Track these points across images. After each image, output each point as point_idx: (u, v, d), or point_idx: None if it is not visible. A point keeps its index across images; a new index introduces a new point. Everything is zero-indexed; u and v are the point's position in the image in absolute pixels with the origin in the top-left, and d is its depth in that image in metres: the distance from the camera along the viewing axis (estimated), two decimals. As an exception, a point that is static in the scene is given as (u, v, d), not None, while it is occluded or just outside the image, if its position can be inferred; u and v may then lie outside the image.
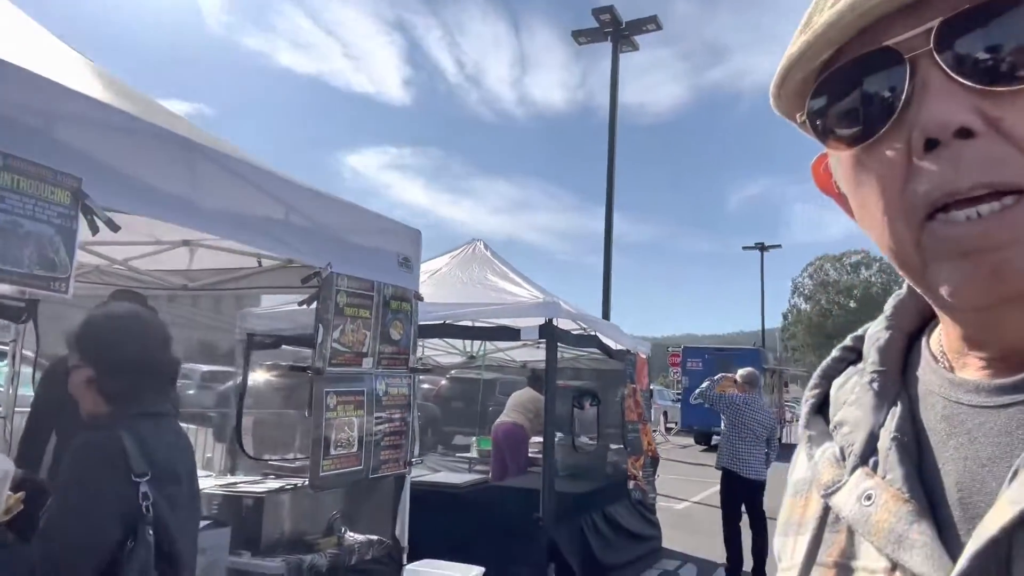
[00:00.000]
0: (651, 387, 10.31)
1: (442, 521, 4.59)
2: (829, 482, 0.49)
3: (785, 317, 58.77)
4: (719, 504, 6.00)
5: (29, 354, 3.57)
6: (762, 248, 30.43)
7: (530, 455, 6.77)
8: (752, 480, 5.80)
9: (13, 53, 1.99)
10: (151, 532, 1.54)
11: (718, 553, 6.27)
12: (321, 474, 2.85)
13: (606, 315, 11.37)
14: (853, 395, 0.53)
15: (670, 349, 20.31)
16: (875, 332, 0.55)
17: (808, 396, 0.58)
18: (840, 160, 0.49)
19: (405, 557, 3.38)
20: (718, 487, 6.04)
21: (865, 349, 0.55)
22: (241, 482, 3.24)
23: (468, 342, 7.42)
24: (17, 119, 1.85)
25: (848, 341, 0.58)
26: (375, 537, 3.31)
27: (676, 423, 20.23)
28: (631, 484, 6.37)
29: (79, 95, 2.04)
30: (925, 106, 0.41)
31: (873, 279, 54.84)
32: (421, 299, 3.59)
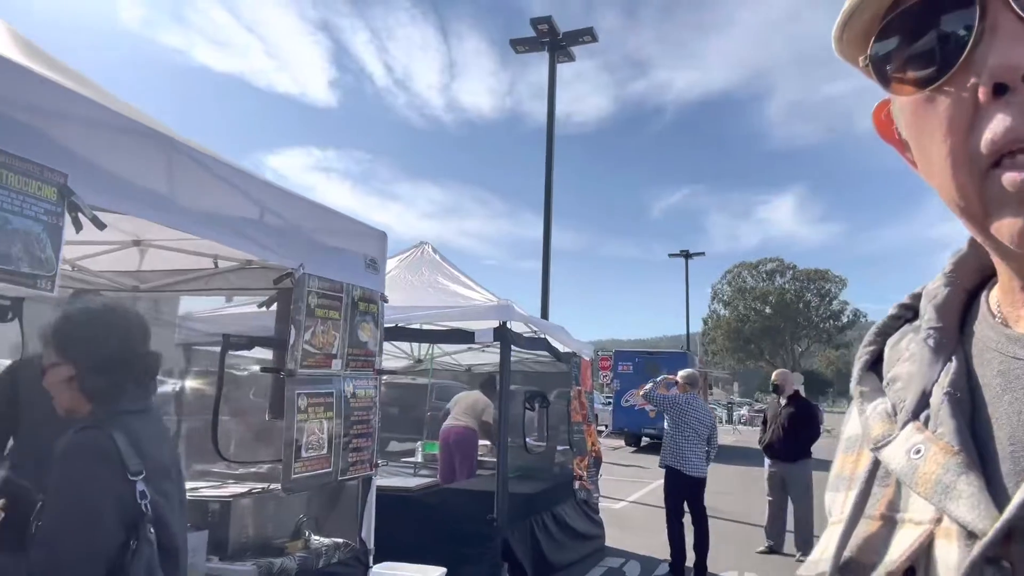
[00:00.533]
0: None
1: (395, 524, 4.59)
2: (879, 436, 0.50)
3: (705, 322, 60.82)
4: (657, 503, 6.21)
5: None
6: (687, 256, 31.44)
7: (479, 458, 6.83)
8: (694, 477, 6.03)
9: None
10: (152, 530, 1.53)
11: (658, 550, 6.49)
12: (293, 476, 2.84)
13: (544, 317, 11.53)
14: (908, 352, 0.53)
15: (599, 353, 20.69)
16: (932, 289, 0.55)
17: (862, 353, 0.58)
18: (903, 105, 0.48)
19: (371, 559, 3.38)
20: (652, 487, 6.26)
21: (921, 306, 0.55)
22: (204, 487, 3.17)
23: (415, 346, 7.42)
24: (3, 113, 1.79)
25: (906, 299, 0.58)
26: (341, 540, 3.30)
27: (607, 426, 20.63)
28: (576, 484, 6.51)
29: (65, 90, 1.99)
30: (994, 49, 0.40)
31: (787, 286, 57.42)
32: (387, 300, 3.61)
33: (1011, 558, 0.40)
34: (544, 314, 11.77)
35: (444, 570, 3.86)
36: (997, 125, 0.40)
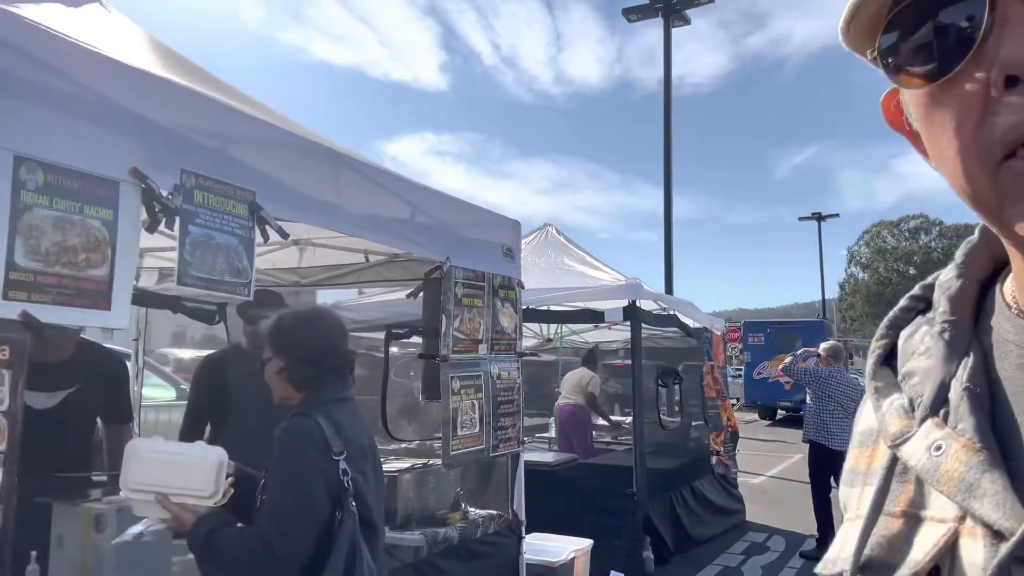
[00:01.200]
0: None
1: (537, 497, 4.79)
2: (897, 433, 0.48)
3: (842, 287, 57.40)
4: (797, 477, 6.06)
5: (168, 351, 3.85)
6: (819, 218, 29.80)
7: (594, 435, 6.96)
8: (839, 451, 5.85)
9: (180, 77, 2.21)
10: (354, 503, 1.74)
11: (801, 525, 6.35)
12: (452, 453, 3.07)
13: (668, 292, 11.41)
14: (923, 345, 0.51)
15: (728, 324, 20.12)
16: (945, 280, 0.53)
17: (875, 347, 0.55)
18: (913, 97, 0.47)
19: (523, 530, 3.58)
20: (791, 461, 6.09)
21: (935, 298, 0.53)
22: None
23: (544, 325, 7.61)
24: (200, 142, 2.07)
25: (916, 290, 0.56)
26: (495, 512, 3.52)
27: (739, 399, 20.12)
28: (714, 459, 6.48)
29: (247, 115, 2.26)
30: (1006, 41, 0.39)
31: (933, 244, 53.11)
32: (523, 287, 3.77)
33: None
34: (668, 288, 11.64)
35: (591, 542, 4.02)
36: (1010, 117, 0.39)
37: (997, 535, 0.41)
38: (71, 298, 1.57)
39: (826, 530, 5.91)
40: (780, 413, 18.82)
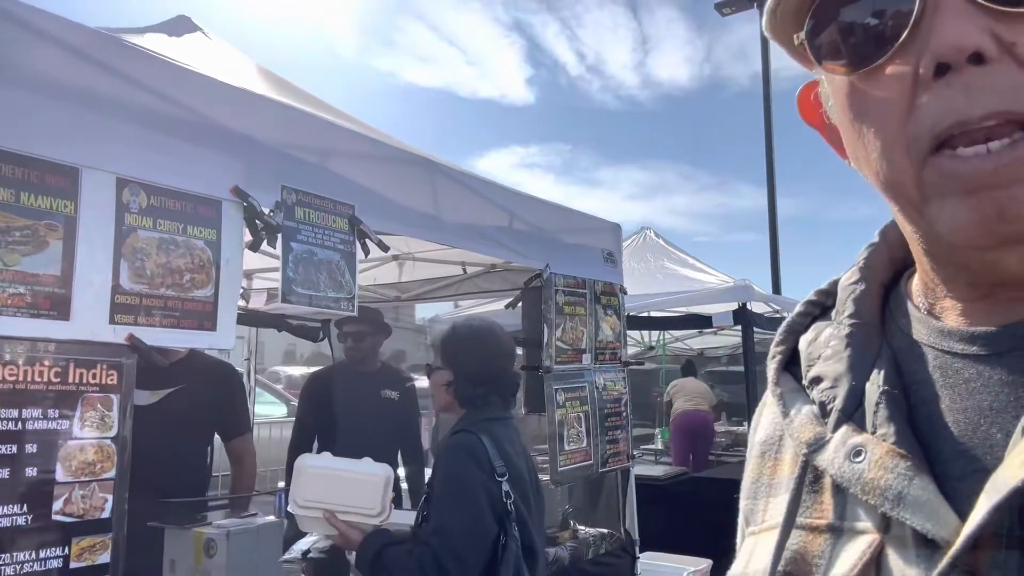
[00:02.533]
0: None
1: (647, 513, 4.59)
2: (811, 439, 0.46)
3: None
4: None
5: (279, 369, 3.93)
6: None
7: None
8: None
9: (275, 94, 2.20)
10: (516, 528, 1.66)
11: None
12: (559, 469, 2.94)
13: (776, 294, 10.86)
14: (829, 349, 0.49)
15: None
16: (848, 284, 0.52)
17: (774, 352, 0.54)
18: (837, 87, 0.45)
19: (637, 549, 3.40)
20: None
21: (839, 300, 0.51)
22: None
23: (645, 332, 7.37)
24: (299, 157, 2.04)
25: (812, 296, 0.55)
26: (605, 530, 3.36)
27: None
28: (835, 471, 6.04)
29: (344, 129, 2.22)
30: (937, 27, 0.38)
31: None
32: (626, 292, 3.61)
33: (978, 567, 0.37)
34: (776, 290, 11.09)
35: (710, 562, 3.78)
36: (939, 107, 0.38)
37: (929, 544, 0.39)
38: (177, 320, 1.56)
39: None
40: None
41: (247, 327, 3.76)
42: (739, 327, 4.95)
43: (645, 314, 5.48)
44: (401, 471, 3.57)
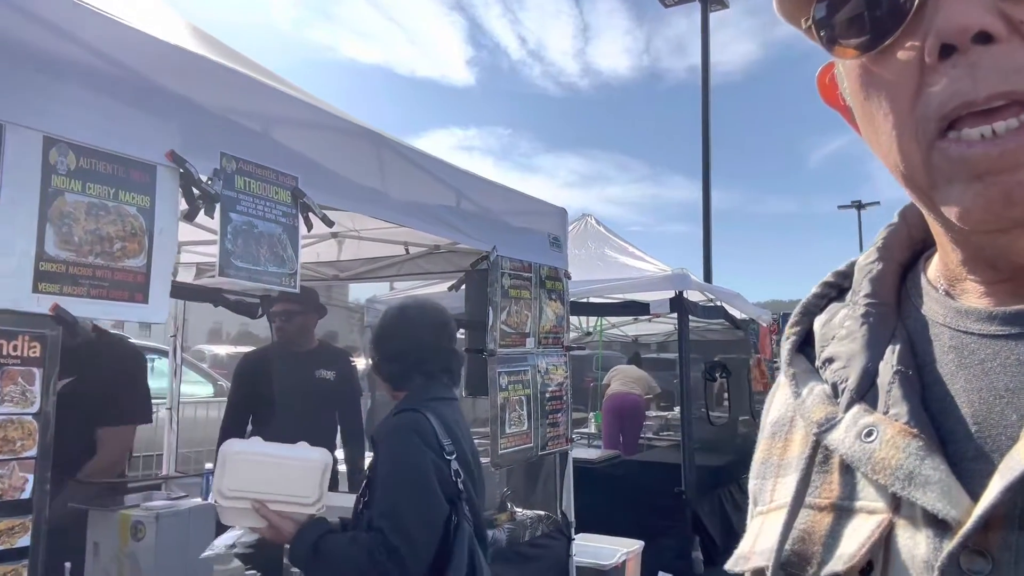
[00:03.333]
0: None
1: (581, 496, 4.65)
2: (822, 420, 0.46)
3: (879, 278, 56.27)
4: None
5: (204, 348, 3.78)
6: (859, 206, 29.04)
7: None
8: None
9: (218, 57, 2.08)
10: (467, 508, 1.60)
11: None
12: (500, 452, 2.93)
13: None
14: (843, 330, 0.49)
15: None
16: (866, 264, 0.52)
17: (789, 334, 0.54)
18: (847, 69, 0.45)
19: (573, 531, 3.43)
20: None
21: (856, 281, 0.52)
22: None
23: (583, 318, 7.43)
24: (240, 124, 1.94)
25: (829, 277, 0.55)
26: (542, 513, 3.38)
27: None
28: (761, 455, 6.26)
29: (288, 97, 2.13)
30: (942, 8, 0.37)
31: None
32: (570, 277, 3.61)
33: (989, 547, 0.37)
34: (708, 279, 11.37)
35: (642, 543, 3.86)
36: (945, 89, 0.38)
37: (941, 525, 0.39)
38: (106, 290, 1.45)
39: None
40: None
41: (173, 301, 3.59)
42: (675, 315, 5.04)
43: (585, 300, 5.53)
44: (340, 453, 3.50)
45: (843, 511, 0.45)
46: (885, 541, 0.42)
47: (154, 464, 4.22)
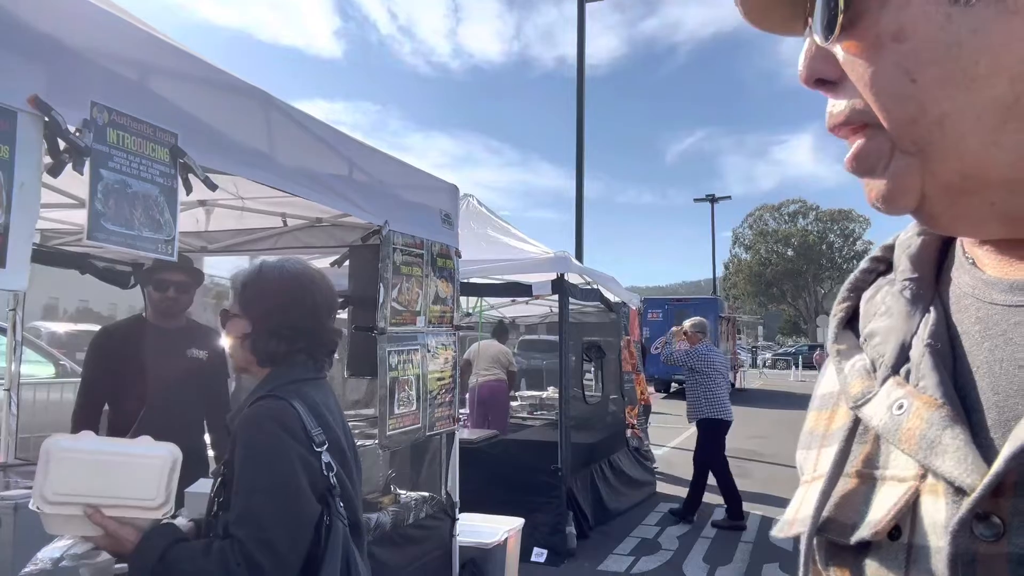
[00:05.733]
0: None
1: (463, 475, 4.65)
2: (859, 394, 0.48)
3: (726, 267, 60.44)
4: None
5: (39, 325, 3.40)
6: (712, 200, 31.01)
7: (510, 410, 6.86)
8: (729, 421, 6.00)
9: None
10: (341, 504, 1.43)
11: (708, 495, 6.51)
12: (388, 433, 2.85)
13: (578, 269, 11.48)
14: (883, 306, 0.51)
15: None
16: (906, 239, 0.53)
17: (836, 311, 0.55)
18: None
19: (457, 511, 3.42)
20: (688, 433, 6.13)
21: (896, 257, 0.53)
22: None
23: (464, 299, 7.40)
24: (115, 71, 1.73)
25: (877, 251, 0.56)
26: (427, 494, 3.34)
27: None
28: (628, 433, 6.54)
29: (168, 46, 1.92)
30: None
31: (810, 227, 56.68)
32: (460, 256, 3.57)
33: (1001, 513, 0.38)
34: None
35: (522, 521, 3.91)
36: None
37: (959, 491, 0.40)
38: (-45, 251, 1.25)
39: (737, 500, 6.07)
40: (674, 386, 19.57)
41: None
42: (555, 296, 5.13)
43: (467, 280, 5.50)
44: (207, 438, 3.27)
45: (875, 479, 0.47)
46: (912, 508, 0.43)
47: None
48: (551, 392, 7.45)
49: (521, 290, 5.13)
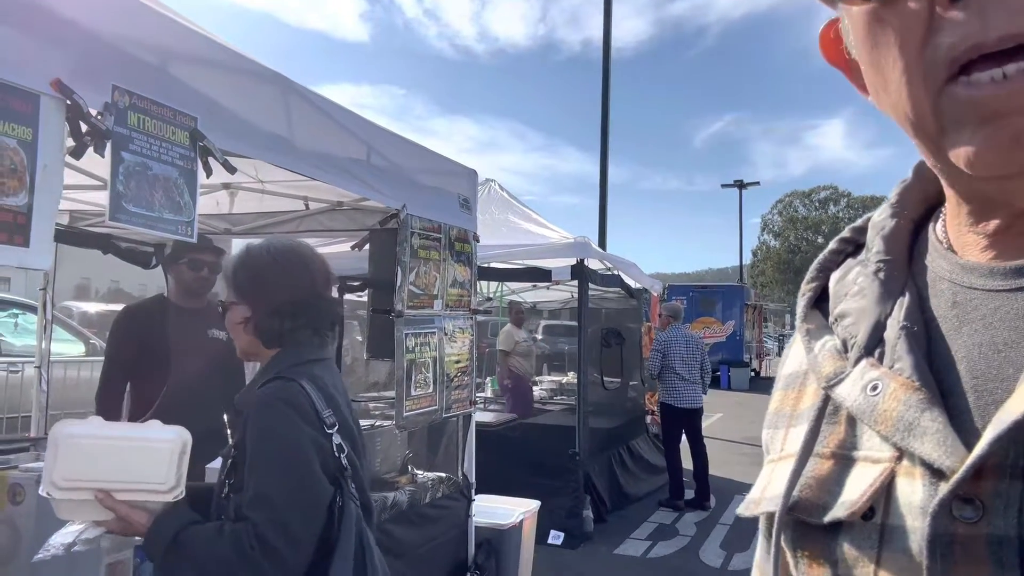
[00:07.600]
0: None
1: (480, 457, 4.70)
2: (831, 374, 0.48)
3: (755, 254, 59.73)
4: (721, 435, 6.05)
5: (71, 304, 3.49)
6: (741, 186, 30.59)
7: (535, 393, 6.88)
8: (686, 409, 5.87)
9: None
10: (353, 486, 1.43)
11: (727, 481, 6.50)
12: (405, 414, 2.89)
13: (602, 255, 11.43)
14: (856, 286, 0.50)
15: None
16: (879, 220, 0.52)
17: (805, 290, 0.55)
18: (854, 19, 0.44)
19: (473, 492, 3.46)
20: (715, 418, 6.07)
21: (869, 238, 0.52)
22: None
23: (484, 283, 7.44)
24: (136, 55, 1.77)
25: (846, 233, 0.56)
26: (443, 474, 3.38)
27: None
28: (648, 419, 6.54)
29: (189, 30, 1.95)
30: None
31: (841, 215, 55.78)
32: (478, 240, 3.59)
33: (981, 496, 0.38)
34: (603, 248, 11.67)
35: (538, 503, 3.95)
36: (954, 32, 0.38)
37: (937, 474, 0.40)
38: (-19, 230, 1.29)
39: (674, 482, 5.92)
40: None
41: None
42: (575, 282, 5.14)
43: (487, 265, 5.52)
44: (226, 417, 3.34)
45: (848, 460, 0.46)
46: (886, 489, 0.43)
47: (19, 426, 3.88)
48: (571, 377, 7.47)
49: (540, 275, 5.14)
